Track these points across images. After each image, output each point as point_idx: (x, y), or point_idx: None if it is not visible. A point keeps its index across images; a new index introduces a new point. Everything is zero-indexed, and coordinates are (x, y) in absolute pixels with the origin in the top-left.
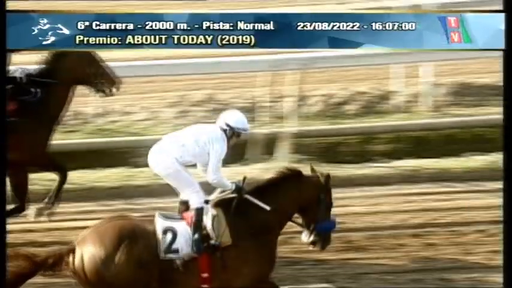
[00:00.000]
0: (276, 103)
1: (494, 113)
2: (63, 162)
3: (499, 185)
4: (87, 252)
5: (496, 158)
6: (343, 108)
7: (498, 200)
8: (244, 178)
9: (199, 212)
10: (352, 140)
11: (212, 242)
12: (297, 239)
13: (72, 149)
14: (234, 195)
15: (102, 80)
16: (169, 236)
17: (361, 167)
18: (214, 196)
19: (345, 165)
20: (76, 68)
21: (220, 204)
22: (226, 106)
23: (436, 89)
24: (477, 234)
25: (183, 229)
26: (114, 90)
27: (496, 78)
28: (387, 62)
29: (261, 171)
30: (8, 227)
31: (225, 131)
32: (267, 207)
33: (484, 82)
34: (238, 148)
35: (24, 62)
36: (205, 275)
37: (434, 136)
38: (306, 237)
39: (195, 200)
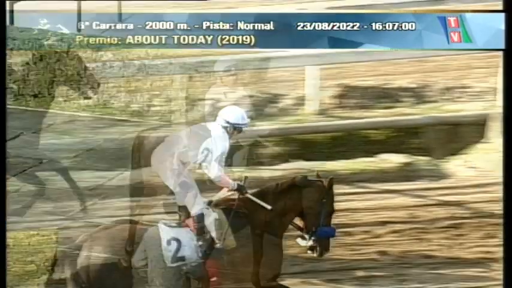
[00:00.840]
0: (164, 107)
1: (379, 115)
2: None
3: (385, 186)
4: (94, 253)
5: (381, 160)
6: None
7: (383, 201)
8: (246, 177)
9: (200, 218)
10: (239, 143)
11: (217, 246)
12: None
13: None
14: (236, 195)
15: (83, 81)
16: (174, 244)
17: (250, 169)
18: (217, 196)
19: (233, 169)
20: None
21: (222, 206)
22: (118, 111)
23: (322, 91)
24: (363, 235)
25: (187, 236)
26: (91, 92)
27: (381, 81)
28: (278, 66)
29: (148, 175)
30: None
31: (225, 128)
32: (268, 207)
33: (369, 84)
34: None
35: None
36: (213, 279)
37: (320, 138)
38: (303, 241)
39: (195, 206)
